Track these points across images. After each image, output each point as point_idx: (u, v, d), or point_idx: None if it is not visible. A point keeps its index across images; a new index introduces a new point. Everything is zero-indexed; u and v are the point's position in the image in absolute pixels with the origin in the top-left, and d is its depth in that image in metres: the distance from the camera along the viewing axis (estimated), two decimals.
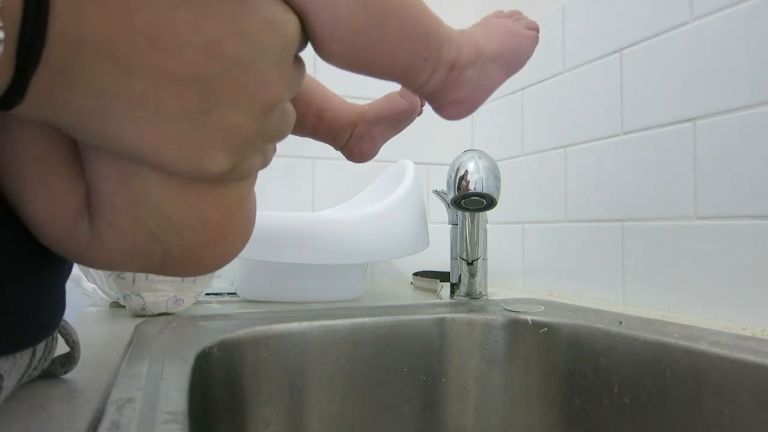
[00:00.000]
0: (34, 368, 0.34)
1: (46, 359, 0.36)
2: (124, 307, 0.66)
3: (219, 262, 0.32)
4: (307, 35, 0.27)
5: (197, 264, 0.30)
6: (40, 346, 0.34)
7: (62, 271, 0.33)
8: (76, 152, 0.26)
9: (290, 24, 0.25)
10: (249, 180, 0.31)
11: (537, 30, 0.43)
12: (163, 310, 0.62)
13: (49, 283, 0.31)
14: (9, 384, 0.30)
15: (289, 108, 0.29)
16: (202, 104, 0.22)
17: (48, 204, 0.26)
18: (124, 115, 0.21)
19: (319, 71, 0.51)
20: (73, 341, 0.37)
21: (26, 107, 0.19)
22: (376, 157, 0.60)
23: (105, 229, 0.27)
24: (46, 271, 0.30)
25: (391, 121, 0.55)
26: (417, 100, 0.56)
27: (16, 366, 0.30)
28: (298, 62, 0.27)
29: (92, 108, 0.21)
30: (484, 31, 0.37)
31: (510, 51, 0.38)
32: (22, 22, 0.18)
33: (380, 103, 0.54)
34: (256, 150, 0.27)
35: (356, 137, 0.52)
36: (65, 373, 0.38)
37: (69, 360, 0.38)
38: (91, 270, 0.64)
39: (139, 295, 0.61)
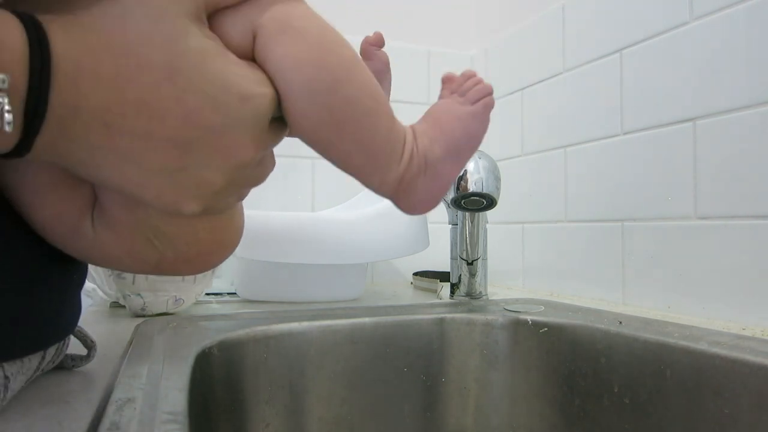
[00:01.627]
0: (42, 370, 0.34)
1: (54, 362, 0.36)
2: (124, 307, 0.66)
3: (210, 265, 0.36)
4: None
5: (190, 267, 0.35)
6: (51, 350, 0.34)
7: (75, 277, 0.34)
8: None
9: (265, 98, 0.27)
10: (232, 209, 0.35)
11: (487, 95, 0.42)
12: (163, 310, 0.62)
13: (63, 289, 0.32)
14: (15, 386, 0.30)
15: (268, 159, 0.32)
16: (180, 162, 0.26)
17: (54, 207, 0.29)
18: (114, 166, 0.25)
19: None
20: (89, 342, 0.39)
21: (33, 156, 0.23)
22: None
23: (106, 233, 0.30)
24: (59, 278, 0.32)
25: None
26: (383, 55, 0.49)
27: (24, 369, 0.31)
28: (279, 124, 0.30)
29: (88, 159, 0.24)
30: (431, 129, 0.37)
31: (459, 141, 0.38)
32: (27, 95, 0.21)
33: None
34: (228, 196, 0.30)
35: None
36: (75, 367, 0.38)
37: (84, 359, 0.38)
38: (91, 270, 0.64)
39: (139, 295, 0.61)
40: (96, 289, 0.68)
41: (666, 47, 0.66)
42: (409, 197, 0.36)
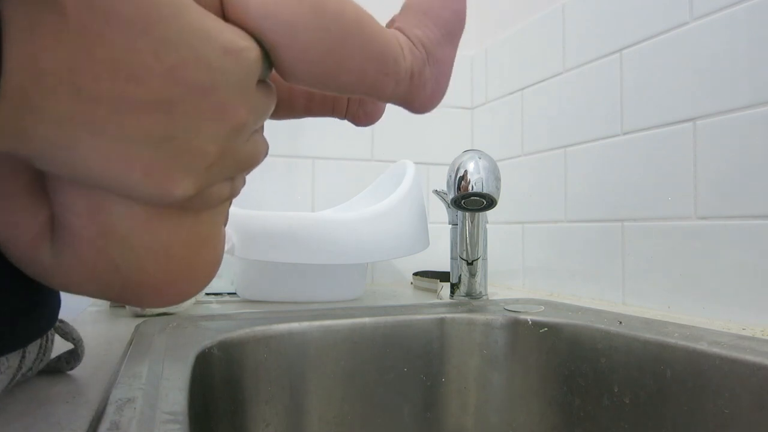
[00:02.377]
0: (29, 369, 0.34)
1: (42, 360, 0.36)
2: (124, 307, 0.66)
3: (176, 298, 0.32)
4: (271, 62, 0.27)
5: (155, 297, 0.31)
6: (33, 349, 0.34)
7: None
8: (35, 180, 0.26)
9: (250, 51, 0.25)
10: (216, 216, 0.31)
11: None
12: (163, 310, 0.62)
13: (36, 285, 0.30)
14: None
15: (261, 138, 0.29)
16: (166, 130, 0.23)
17: (8, 226, 0.26)
18: (89, 142, 0.22)
19: None
20: (73, 338, 0.38)
21: None
22: (376, 157, 0.60)
23: (67, 257, 0.27)
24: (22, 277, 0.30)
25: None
26: None
27: (2, 368, 0.30)
28: (266, 88, 0.28)
29: (57, 137, 0.21)
30: (416, 19, 0.37)
31: (448, 22, 0.37)
32: None
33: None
34: (222, 176, 0.27)
35: (355, 101, 0.50)
36: (71, 369, 0.38)
37: (73, 356, 0.38)
38: None
39: None
40: None
41: (666, 47, 0.66)
42: (420, 92, 0.35)
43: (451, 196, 0.68)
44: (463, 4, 0.40)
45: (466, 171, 0.66)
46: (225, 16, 0.26)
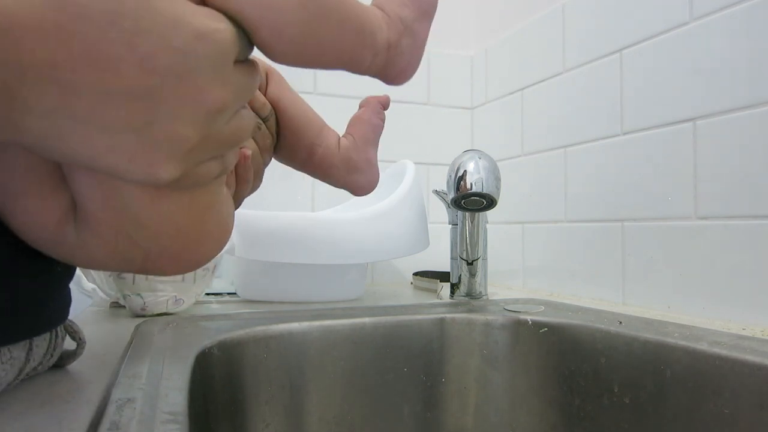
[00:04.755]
0: (39, 363, 0.35)
1: (51, 357, 0.36)
2: (124, 307, 0.66)
3: (195, 263, 0.35)
4: (251, 40, 0.28)
5: (176, 265, 0.33)
6: (41, 344, 0.34)
7: (60, 268, 0.33)
8: (57, 167, 0.29)
9: (223, 32, 0.25)
10: (214, 186, 0.33)
11: None
12: (163, 310, 0.62)
13: (46, 280, 0.32)
14: (2, 380, 0.30)
15: (246, 114, 0.30)
16: (145, 116, 0.24)
17: (34, 213, 0.28)
18: (75, 133, 0.23)
19: (319, 78, 0.51)
20: (80, 339, 0.39)
21: None
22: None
23: (89, 236, 0.29)
24: (42, 268, 0.31)
25: (374, 139, 0.56)
26: (379, 109, 0.57)
27: (11, 360, 0.31)
28: (247, 67, 0.28)
29: (44, 128, 0.22)
30: None
31: (423, 3, 0.39)
32: None
33: (361, 128, 0.54)
34: (207, 156, 0.28)
35: (354, 171, 0.52)
36: (64, 365, 0.38)
37: (71, 356, 0.38)
38: (91, 270, 0.64)
39: (139, 295, 0.61)
40: (96, 289, 0.68)
41: (666, 47, 0.66)
42: (396, 63, 0.36)
43: (451, 196, 0.68)
44: None
45: (466, 171, 0.66)
46: (204, 1, 0.26)
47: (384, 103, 0.57)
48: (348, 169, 0.52)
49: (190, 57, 0.24)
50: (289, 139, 0.49)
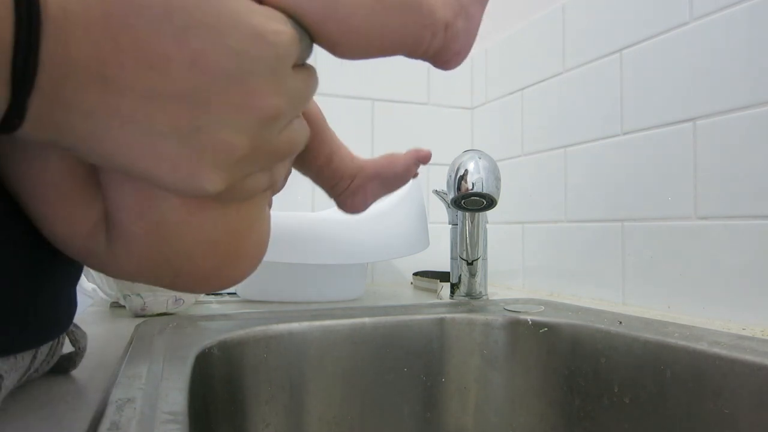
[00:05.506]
0: (36, 369, 0.34)
1: (49, 362, 0.36)
2: (124, 307, 0.66)
3: (227, 282, 0.32)
4: (313, 40, 0.27)
5: (206, 285, 0.31)
6: (43, 349, 0.34)
7: (71, 274, 0.33)
8: (91, 175, 0.27)
9: (283, 34, 0.24)
10: (259, 202, 0.31)
11: None
12: (163, 310, 0.62)
13: (57, 285, 0.31)
14: (8, 383, 0.30)
15: (299, 125, 0.28)
16: (192, 121, 0.22)
17: (66, 222, 0.27)
18: (117, 134, 0.21)
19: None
20: (80, 346, 0.38)
21: (28, 130, 0.20)
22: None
23: (120, 250, 0.28)
24: (53, 274, 0.30)
25: (387, 181, 0.55)
26: (413, 167, 0.56)
27: (17, 366, 0.30)
28: (305, 71, 0.27)
29: (87, 128, 0.21)
30: None
31: None
32: (14, 49, 0.18)
33: (380, 161, 0.54)
34: (256, 167, 0.26)
35: (352, 189, 0.52)
36: (65, 371, 0.38)
37: (70, 362, 0.38)
38: (91, 270, 0.64)
39: (139, 295, 0.61)
40: (96, 289, 0.68)
41: (666, 47, 0.66)
42: (453, 45, 0.35)
43: (451, 196, 0.68)
44: None
45: (466, 171, 0.66)
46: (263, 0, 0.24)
47: (423, 160, 0.55)
48: (350, 187, 0.52)
49: (244, 58, 0.22)
50: (313, 143, 0.47)
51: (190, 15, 0.21)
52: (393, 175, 0.55)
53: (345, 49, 0.28)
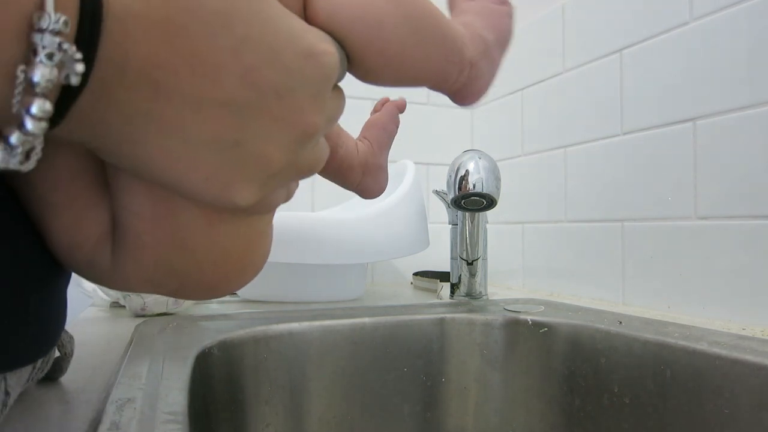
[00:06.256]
0: (30, 379, 0.34)
1: (43, 369, 0.35)
2: (124, 307, 0.66)
3: (230, 291, 0.32)
4: (349, 63, 0.27)
5: (209, 293, 0.31)
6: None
7: (66, 276, 0.33)
8: (99, 181, 0.26)
9: (332, 55, 0.24)
10: (271, 213, 0.31)
11: (507, 3, 0.45)
12: (163, 310, 0.62)
13: (56, 292, 0.31)
14: (11, 401, 0.30)
15: (323, 143, 0.28)
16: (235, 134, 0.22)
17: (70, 231, 0.26)
18: (155, 139, 0.21)
19: None
20: (66, 352, 0.37)
21: (64, 128, 0.19)
22: None
23: (127, 261, 0.27)
24: (55, 280, 0.30)
25: (388, 144, 0.56)
26: (397, 118, 0.58)
27: (21, 381, 0.30)
28: (338, 93, 0.27)
29: (126, 132, 0.20)
30: (477, 19, 0.39)
31: (501, 33, 0.40)
32: (74, 43, 0.17)
33: (377, 133, 0.56)
34: (283, 183, 0.26)
35: (368, 174, 0.53)
36: (54, 379, 0.37)
37: (57, 368, 0.37)
38: None
39: (139, 295, 0.61)
40: (96, 289, 0.68)
41: (666, 47, 0.66)
42: (473, 84, 0.36)
43: (451, 196, 0.68)
44: (512, 23, 0.44)
45: (466, 171, 0.66)
46: (306, 18, 0.25)
47: (401, 108, 0.57)
48: (363, 173, 0.53)
49: (295, 76, 0.22)
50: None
51: (249, 27, 0.21)
52: (392, 136, 0.57)
53: (377, 76, 0.28)
